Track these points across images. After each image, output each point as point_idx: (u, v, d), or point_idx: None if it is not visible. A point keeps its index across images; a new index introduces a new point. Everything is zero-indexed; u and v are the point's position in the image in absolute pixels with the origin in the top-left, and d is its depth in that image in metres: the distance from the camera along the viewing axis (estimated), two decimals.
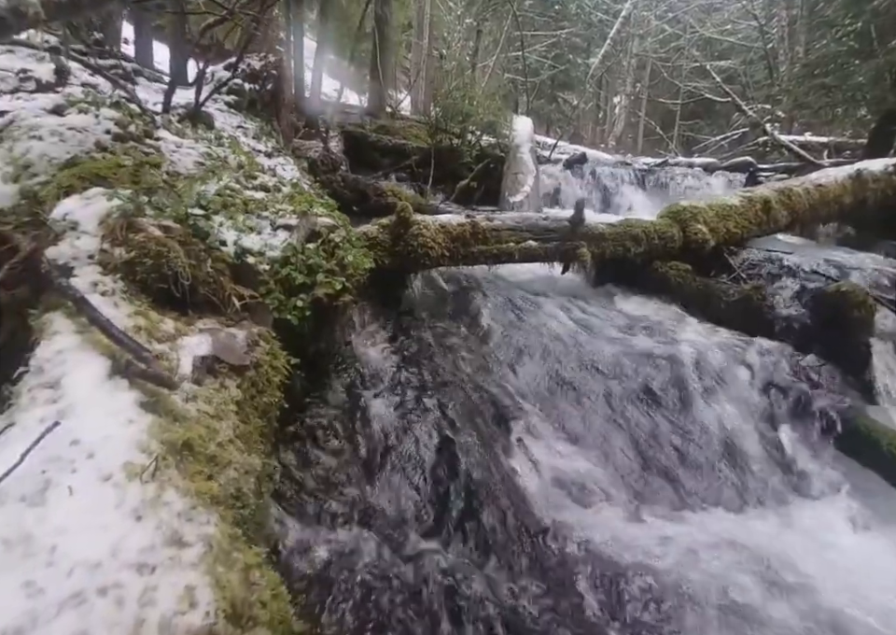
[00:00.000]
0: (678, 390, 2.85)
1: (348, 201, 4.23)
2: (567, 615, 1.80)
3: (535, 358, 2.91)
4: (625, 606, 1.86)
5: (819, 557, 2.15)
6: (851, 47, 9.31)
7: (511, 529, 2.06)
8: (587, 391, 2.79)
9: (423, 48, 15.55)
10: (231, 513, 1.10)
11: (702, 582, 1.95)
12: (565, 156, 7.37)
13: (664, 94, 19.10)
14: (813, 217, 4.99)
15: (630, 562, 2.01)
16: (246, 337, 1.74)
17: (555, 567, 1.97)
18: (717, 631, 1.79)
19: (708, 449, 2.67)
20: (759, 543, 2.17)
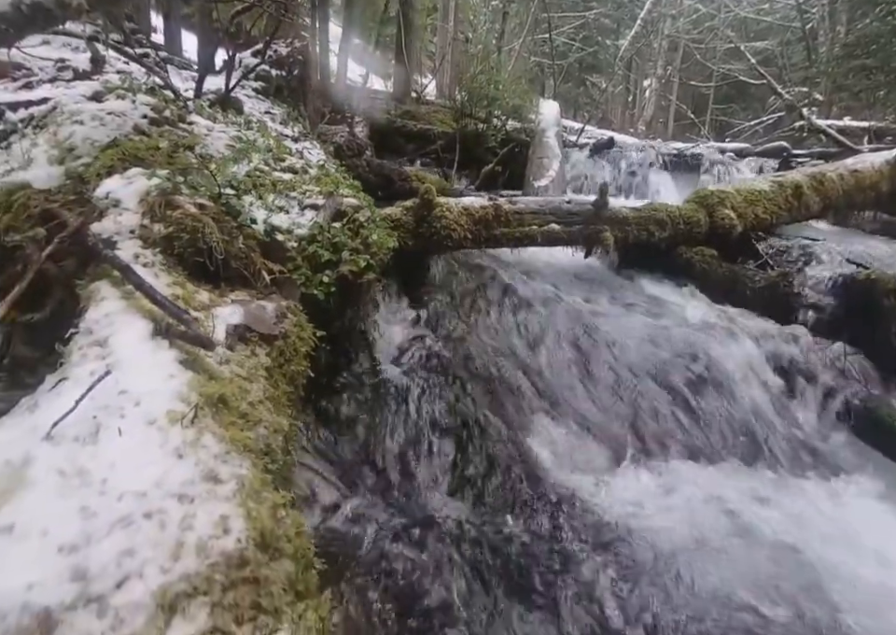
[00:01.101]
0: (699, 373, 2.86)
1: (373, 185, 4.30)
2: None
3: (554, 339, 2.95)
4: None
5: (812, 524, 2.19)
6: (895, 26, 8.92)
7: (526, 492, 2.13)
8: (601, 370, 2.83)
9: (448, 31, 15.44)
10: (261, 462, 1.20)
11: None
12: (592, 141, 7.29)
13: (696, 77, 18.56)
14: (847, 203, 4.87)
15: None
16: (275, 309, 1.83)
17: (561, 532, 2.03)
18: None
19: (729, 428, 2.69)
20: (753, 510, 2.23)
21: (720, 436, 2.67)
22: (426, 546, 1.82)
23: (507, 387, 2.64)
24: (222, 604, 0.88)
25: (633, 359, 2.88)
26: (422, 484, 2.15)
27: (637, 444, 2.57)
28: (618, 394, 2.76)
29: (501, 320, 2.99)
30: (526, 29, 16.46)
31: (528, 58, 16.67)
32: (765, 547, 2.08)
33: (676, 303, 3.53)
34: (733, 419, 2.73)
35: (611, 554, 1.98)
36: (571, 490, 2.23)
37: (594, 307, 3.20)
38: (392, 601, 1.65)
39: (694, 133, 14.66)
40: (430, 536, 1.86)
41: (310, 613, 1.04)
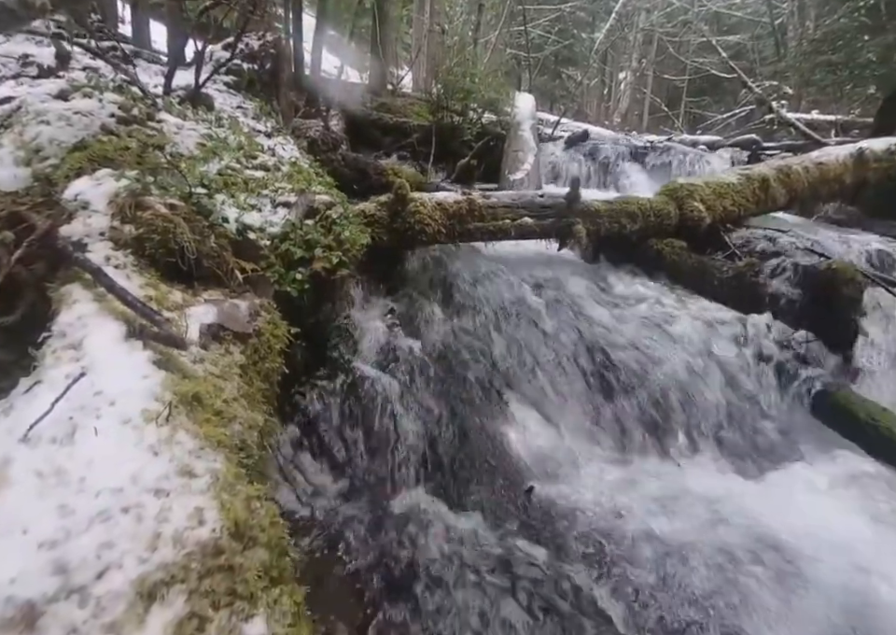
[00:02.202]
0: (666, 359, 2.96)
1: (349, 179, 4.31)
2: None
3: (529, 331, 3.03)
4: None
5: (776, 506, 2.31)
6: (862, 22, 9.13)
7: (499, 486, 2.20)
8: (576, 361, 2.91)
9: (424, 23, 15.34)
10: (235, 456, 1.24)
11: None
12: (567, 133, 7.37)
13: (670, 70, 18.79)
14: (812, 195, 5.00)
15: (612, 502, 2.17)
16: (249, 307, 1.86)
17: (544, 518, 2.11)
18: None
19: (694, 413, 2.80)
20: (722, 494, 2.35)
21: (684, 425, 2.78)
22: (399, 541, 1.87)
23: (481, 380, 2.70)
24: (199, 591, 0.93)
25: (602, 348, 2.96)
26: (395, 478, 2.20)
27: (607, 436, 2.67)
28: (590, 384, 2.84)
29: (476, 313, 3.05)
30: (502, 21, 16.42)
31: (504, 50, 16.66)
32: (727, 525, 2.19)
33: (646, 293, 3.63)
34: (698, 408, 2.83)
35: (587, 544, 2.07)
36: (544, 484, 2.31)
37: (566, 299, 3.27)
38: (362, 597, 1.71)
39: (668, 125, 14.88)
40: (402, 531, 1.91)
41: (285, 598, 1.09)
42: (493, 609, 1.70)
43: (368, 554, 1.83)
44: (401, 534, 1.93)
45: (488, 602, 1.72)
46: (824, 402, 2.97)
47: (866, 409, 2.83)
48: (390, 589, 1.73)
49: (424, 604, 1.70)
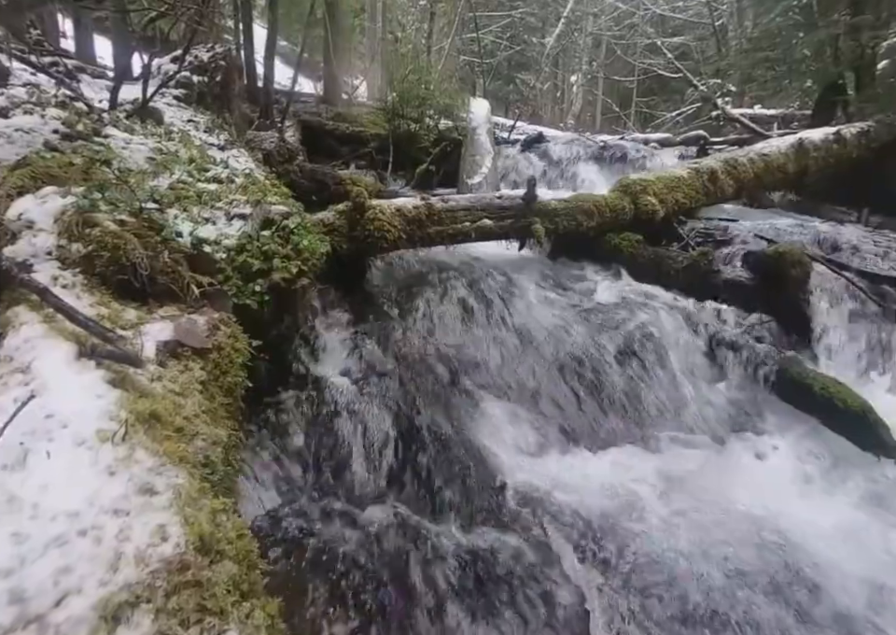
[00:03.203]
0: (629, 350, 3.04)
1: (307, 190, 4.29)
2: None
3: (492, 330, 3.06)
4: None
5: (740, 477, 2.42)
6: (796, 20, 9.58)
7: (472, 485, 2.21)
8: (542, 357, 2.96)
9: (377, 32, 15.41)
10: (199, 472, 1.22)
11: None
12: (523, 136, 7.49)
13: (619, 72, 19.31)
14: (758, 185, 5.22)
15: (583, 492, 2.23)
16: (207, 322, 1.83)
17: (511, 516, 2.13)
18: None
19: (658, 399, 2.88)
20: (691, 470, 2.44)
21: (654, 409, 2.86)
22: (372, 551, 1.86)
23: (448, 380, 2.71)
24: (166, 609, 0.90)
25: (567, 341, 3.02)
26: (367, 484, 2.19)
27: (581, 425, 2.72)
28: (560, 377, 2.89)
29: (440, 315, 3.07)
30: (454, 28, 16.60)
31: (458, 57, 16.84)
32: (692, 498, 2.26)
33: (605, 286, 3.72)
34: (663, 390, 2.92)
35: (560, 528, 2.10)
36: (516, 480, 2.33)
37: (527, 296, 3.32)
38: (338, 602, 1.69)
39: (620, 125, 15.31)
40: (375, 540, 1.90)
41: (258, 612, 1.07)
42: (473, 622, 1.70)
43: (341, 565, 1.82)
44: (374, 543, 1.92)
45: (467, 611, 1.72)
46: (780, 378, 3.08)
47: (820, 382, 2.94)
48: (365, 601, 1.72)
49: (400, 615, 1.69)
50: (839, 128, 5.69)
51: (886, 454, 2.61)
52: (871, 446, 2.65)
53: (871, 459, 2.62)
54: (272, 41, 7.17)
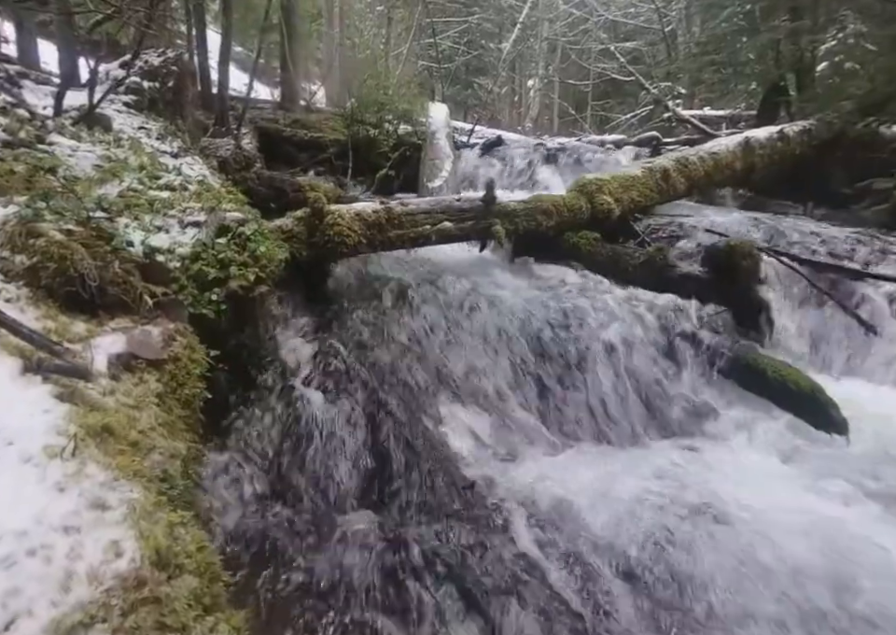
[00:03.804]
0: (590, 347, 3.10)
1: (265, 198, 4.23)
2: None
3: (457, 331, 3.08)
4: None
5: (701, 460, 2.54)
6: (741, 26, 10.01)
7: (441, 486, 2.21)
8: (506, 356, 3.00)
9: (334, 37, 15.33)
10: (155, 486, 1.19)
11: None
12: (483, 140, 7.56)
13: (575, 76, 19.72)
14: (708, 182, 5.40)
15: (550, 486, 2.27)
16: (162, 333, 1.79)
17: (484, 513, 2.14)
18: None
19: (620, 392, 2.96)
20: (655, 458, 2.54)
21: (616, 403, 2.93)
22: (341, 558, 1.84)
23: (415, 384, 2.71)
24: (123, 628, 0.88)
25: (530, 342, 3.07)
26: (335, 493, 2.17)
27: (544, 424, 2.76)
28: (525, 376, 2.94)
29: (404, 319, 3.06)
30: (412, 34, 16.67)
31: (416, 62, 16.91)
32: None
33: (565, 283, 3.78)
34: (625, 385, 2.99)
35: (526, 519, 2.13)
36: (485, 479, 2.35)
37: (490, 297, 3.35)
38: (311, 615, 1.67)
39: (577, 128, 15.64)
40: (347, 548, 1.88)
41: (222, 626, 1.05)
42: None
43: (312, 576, 1.79)
44: (346, 551, 1.89)
45: (439, 621, 1.71)
46: (736, 365, 3.18)
47: (773, 367, 3.06)
48: (336, 612, 1.69)
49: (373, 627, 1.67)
50: (783, 127, 5.94)
51: (836, 431, 2.74)
52: (823, 425, 2.78)
53: (823, 437, 2.75)
54: (226, 46, 7.04)
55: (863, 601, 1.80)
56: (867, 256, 4.02)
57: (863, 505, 2.28)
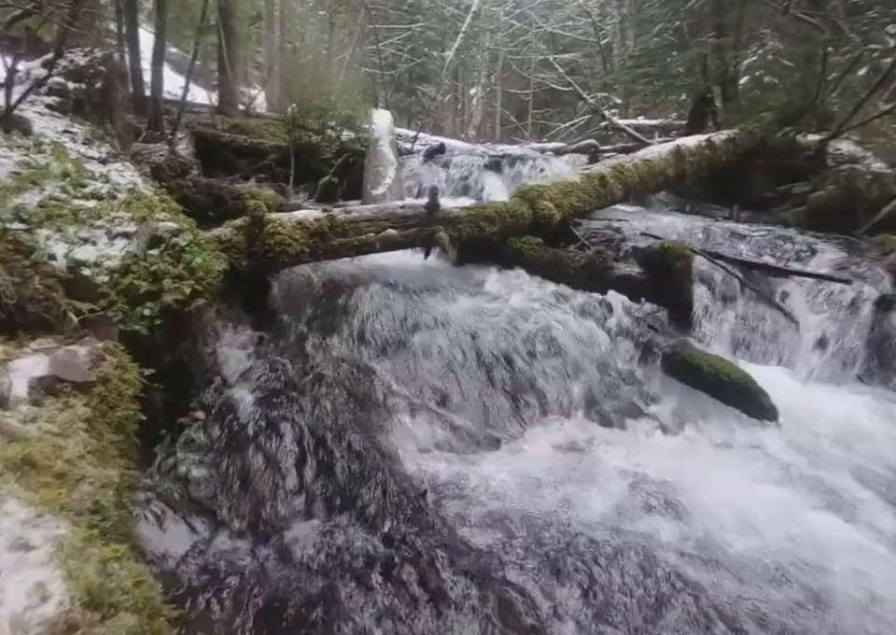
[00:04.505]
0: (534, 348, 3.15)
1: (202, 206, 4.07)
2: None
3: (402, 338, 3.07)
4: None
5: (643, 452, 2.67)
6: (671, 41, 10.56)
7: (392, 496, 2.19)
8: (451, 361, 3.00)
9: (275, 41, 15.03)
10: (87, 519, 1.11)
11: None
12: (426, 147, 7.59)
13: (516, 85, 20.17)
14: (643, 188, 5.63)
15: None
16: (89, 353, 1.69)
17: (435, 519, 2.13)
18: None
19: (564, 391, 3.02)
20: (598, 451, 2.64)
21: (560, 401, 3.00)
22: (296, 579, 1.79)
23: (362, 394, 2.68)
24: None
25: (475, 345, 3.09)
26: (284, 509, 2.10)
27: (489, 422, 2.78)
28: (467, 381, 2.95)
29: (349, 328, 3.02)
30: (355, 39, 16.55)
31: (359, 68, 16.80)
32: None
33: (509, 288, 3.83)
34: (568, 382, 3.06)
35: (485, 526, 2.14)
36: (434, 481, 2.35)
37: (435, 302, 3.36)
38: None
39: (519, 135, 16.01)
40: (299, 566, 1.83)
41: None
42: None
43: (260, 599, 1.73)
44: (298, 569, 1.84)
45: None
46: (673, 361, 3.33)
47: (707, 361, 3.22)
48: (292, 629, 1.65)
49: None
50: (710, 136, 6.27)
51: (768, 418, 2.91)
52: (755, 413, 2.94)
53: (756, 423, 2.91)
54: (160, 47, 6.73)
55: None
56: (787, 254, 4.32)
57: (789, 485, 2.47)
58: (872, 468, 2.66)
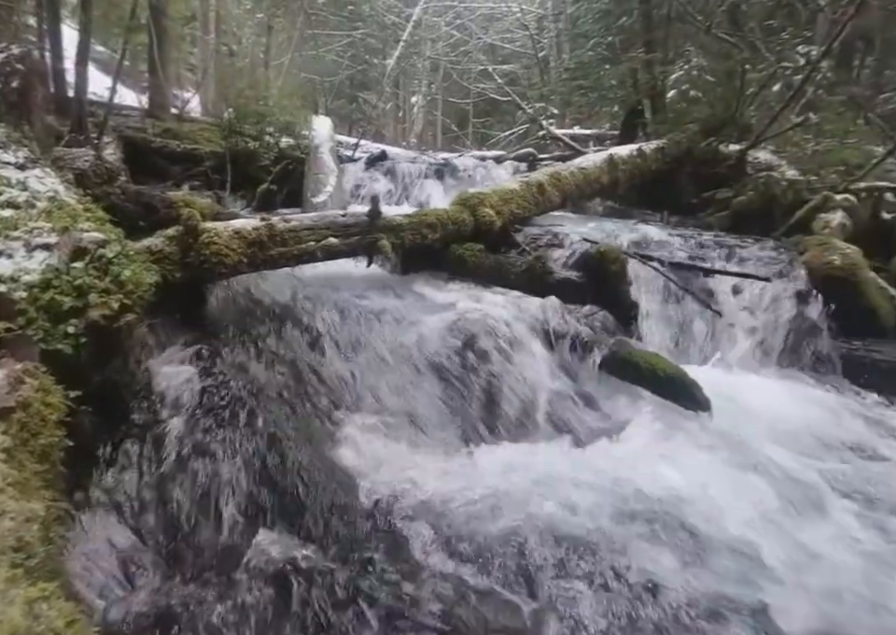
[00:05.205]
0: (477, 353, 3.17)
1: (132, 215, 3.88)
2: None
3: (347, 347, 3.03)
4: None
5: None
6: (604, 55, 11.06)
7: (339, 511, 2.16)
8: (402, 368, 3.00)
9: (210, 43, 14.61)
10: (8, 558, 1.05)
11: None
12: (367, 154, 7.58)
13: (457, 94, 20.47)
14: (579, 194, 5.87)
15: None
16: (7, 376, 1.58)
17: (384, 532, 2.12)
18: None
19: (508, 393, 3.07)
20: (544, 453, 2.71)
21: (505, 406, 3.03)
22: (238, 606, 1.73)
23: (306, 407, 2.64)
24: None
25: (419, 353, 3.09)
26: (226, 534, 2.03)
27: (433, 434, 2.80)
28: (412, 387, 2.95)
29: (291, 341, 2.96)
30: (294, 44, 16.31)
31: (298, 74, 16.55)
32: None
33: (450, 293, 3.88)
34: (512, 387, 3.10)
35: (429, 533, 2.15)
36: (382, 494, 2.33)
37: (379, 311, 3.34)
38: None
39: (460, 143, 16.28)
40: (244, 592, 1.77)
41: None
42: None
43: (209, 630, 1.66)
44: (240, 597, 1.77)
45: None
46: (612, 359, 3.45)
47: (644, 358, 3.37)
48: None
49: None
50: (641, 145, 6.59)
51: (701, 409, 3.08)
52: (690, 404, 3.11)
53: (691, 415, 3.07)
54: (84, 45, 6.37)
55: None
56: (713, 255, 4.62)
57: (722, 470, 2.64)
58: (786, 441, 2.90)
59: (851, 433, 3.11)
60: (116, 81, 6.28)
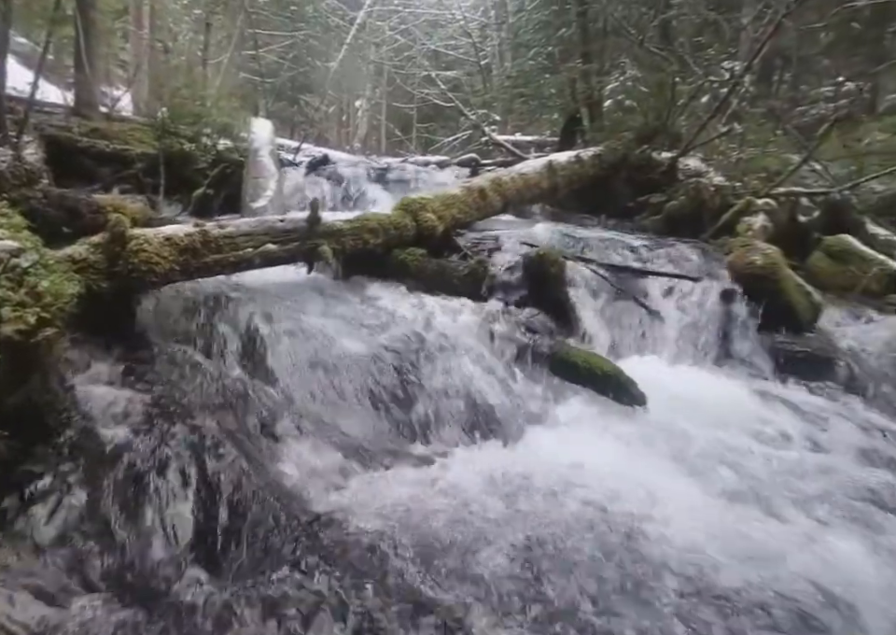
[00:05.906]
0: (420, 360, 3.20)
1: (55, 221, 3.67)
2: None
3: (288, 358, 2.97)
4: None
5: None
6: (544, 65, 11.40)
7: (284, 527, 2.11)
8: (342, 378, 2.96)
9: (143, 39, 14.03)
10: None
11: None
12: (309, 158, 7.47)
13: (400, 99, 20.49)
14: (520, 199, 6.01)
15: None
16: None
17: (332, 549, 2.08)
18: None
19: (452, 399, 3.09)
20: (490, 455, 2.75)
21: (448, 411, 3.04)
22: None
23: (244, 422, 2.55)
24: None
25: (362, 362, 3.08)
26: (162, 563, 1.92)
27: (376, 443, 2.78)
28: (356, 400, 2.92)
29: (227, 352, 2.88)
30: (233, 43, 15.88)
31: (237, 74, 16.15)
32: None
33: (393, 299, 3.87)
34: (456, 392, 3.13)
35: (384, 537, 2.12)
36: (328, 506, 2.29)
37: (320, 319, 3.29)
38: None
39: (404, 148, 16.33)
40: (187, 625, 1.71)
41: None
42: None
43: None
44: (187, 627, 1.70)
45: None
46: (553, 360, 3.56)
47: (582, 357, 3.50)
48: None
49: None
50: (579, 152, 6.83)
51: (637, 403, 3.23)
52: (626, 400, 3.25)
53: (628, 410, 3.21)
54: (3, 36, 5.96)
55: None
56: (647, 256, 4.84)
57: (657, 459, 2.78)
58: (714, 432, 3.06)
59: (774, 414, 3.35)
60: (38, 76, 5.91)
